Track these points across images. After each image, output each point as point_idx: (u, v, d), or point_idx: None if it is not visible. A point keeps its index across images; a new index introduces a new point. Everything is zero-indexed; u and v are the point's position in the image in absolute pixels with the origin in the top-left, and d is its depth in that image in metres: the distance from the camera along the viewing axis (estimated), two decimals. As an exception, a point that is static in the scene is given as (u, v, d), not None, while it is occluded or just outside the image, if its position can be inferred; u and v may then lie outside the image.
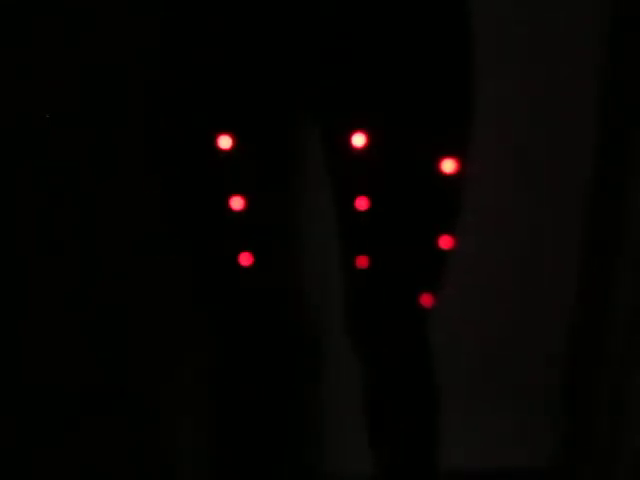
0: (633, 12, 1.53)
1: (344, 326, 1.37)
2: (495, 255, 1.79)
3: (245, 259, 1.26)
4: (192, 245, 1.29)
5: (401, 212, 1.23)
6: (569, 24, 1.64)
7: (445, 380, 1.81)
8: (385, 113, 1.17)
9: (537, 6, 1.63)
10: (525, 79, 1.68)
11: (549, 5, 1.63)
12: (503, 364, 1.87)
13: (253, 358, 1.40)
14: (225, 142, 1.18)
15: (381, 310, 1.32)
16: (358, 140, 1.18)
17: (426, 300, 1.31)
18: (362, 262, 1.27)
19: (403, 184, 1.21)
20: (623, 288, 1.56)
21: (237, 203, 1.22)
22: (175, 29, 1.17)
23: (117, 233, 1.63)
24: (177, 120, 1.20)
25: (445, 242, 1.26)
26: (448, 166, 1.20)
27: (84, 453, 1.77)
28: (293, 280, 1.39)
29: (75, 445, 1.76)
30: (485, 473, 1.85)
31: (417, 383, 1.40)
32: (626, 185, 1.53)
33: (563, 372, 1.81)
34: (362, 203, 1.23)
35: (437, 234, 1.25)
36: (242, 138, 1.19)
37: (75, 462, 1.77)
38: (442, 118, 1.19)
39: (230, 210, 1.22)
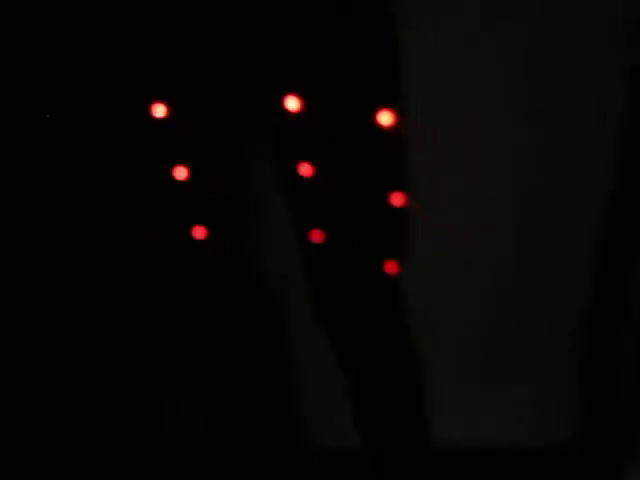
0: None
1: (311, 309, 1.31)
2: (518, 234, 1.78)
3: (199, 232, 1.22)
4: (141, 220, 1.24)
5: (346, 175, 1.18)
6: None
7: (463, 357, 1.85)
8: (316, 73, 1.13)
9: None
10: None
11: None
12: (521, 341, 1.86)
13: (214, 334, 1.35)
14: (160, 111, 1.14)
15: (346, 287, 1.26)
16: (292, 104, 1.13)
17: (391, 267, 1.25)
18: (316, 237, 1.22)
19: (342, 144, 1.15)
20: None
21: (181, 173, 1.17)
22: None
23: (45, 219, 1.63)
24: (108, 92, 1.15)
25: (397, 199, 1.20)
26: (385, 118, 1.14)
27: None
28: (254, 253, 1.35)
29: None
30: (503, 450, 1.84)
31: (395, 357, 1.34)
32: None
33: (583, 347, 1.81)
34: (306, 170, 1.17)
35: (387, 192, 1.20)
36: (177, 106, 1.15)
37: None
38: (372, 71, 1.14)
39: (175, 181, 1.18)
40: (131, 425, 1.83)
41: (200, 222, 1.21)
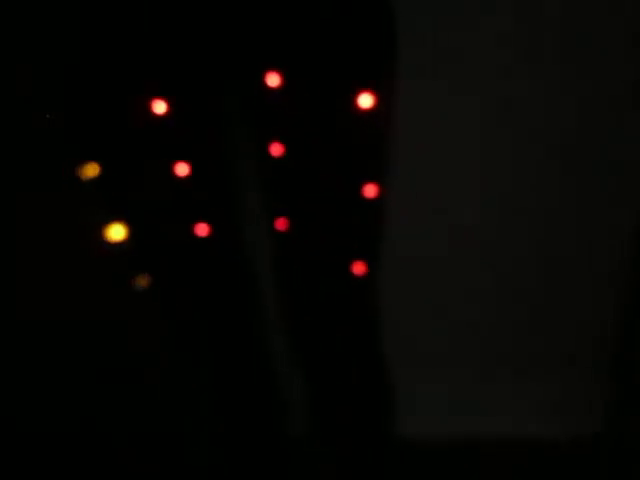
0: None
1: (274, 309, 1.27)
2: (548, 227, 1.78)
3: (201, 229, 1.18)
4: (143, 219, 1.21)
5: (318, 158, 1.11)
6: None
7: (491, 348, 1.85)
8: (298, 50, 1.06)
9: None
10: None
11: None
12: (550, 332, 1.86)
13: (213, 332, 1.32)
14: (160, 107, 1.10)
15: (308, 281, 1.19)
16: (272, 80, 1.07)
17: (358, 268, 1.18)
18: (281, 225, 1.16)
19: (319, 126, 1.09)
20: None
21: (182, 170, 1.13)
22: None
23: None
24: (107, 90, 1.11)
25: (370, 191, 1.13)
26: (365, 101, 1.07)
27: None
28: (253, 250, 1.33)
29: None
30: (530, 441, 1.85)
31: (361, 357, 1.29)
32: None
33: (612, 340, 1.80)
34: (276, 149, 1.11)
35: (360, 183, 1.13)
36: (176, 102, 1.11)
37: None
38: (357, 51, 1.08)
39: (177, 177, 1.14)
40: (131, 425, 1.83)
41: (202, 219, 1.19)
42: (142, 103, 1.10)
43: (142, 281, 1.24)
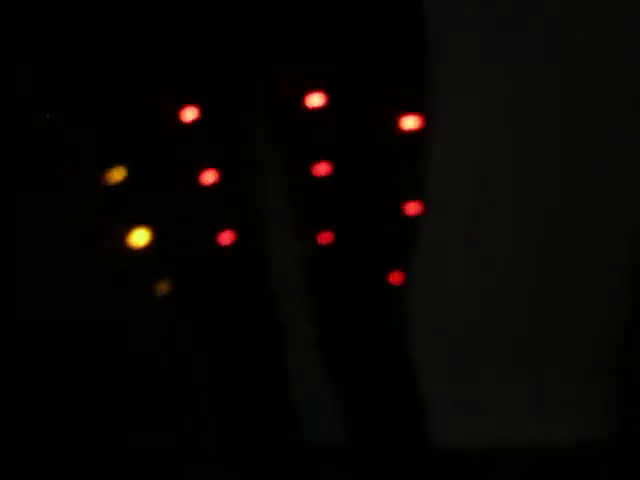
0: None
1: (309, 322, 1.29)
2: (554, 226, 1.78)
3: (226, 237, 1.19)
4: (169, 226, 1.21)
5: (363, 177, 1.15)
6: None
7: (493, 350, 1.84)
8: (343, 70, 1.10)
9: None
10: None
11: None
12: (558, 339, 1.86)
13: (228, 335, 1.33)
14: (189, 114, 1.12)
15: (346, 291, 1.22)
16: (315, 100, 1.10)
17: (396, 278, 1.21)
18: (325, 238, 1.18)
19: (364, 146, 1.13)
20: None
21: (210, 177, 1.15)
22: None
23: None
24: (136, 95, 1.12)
25: (411, 209, 1.17)
26: (410, 123, 1.12)
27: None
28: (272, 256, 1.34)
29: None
30: (534, 446, 1.84)
31: (391, 365, 1.31)
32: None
33: (617, 342, 1.81)
34: (320, 169, 1.14)
35: (403, 200, 1.17)
36: (206, 109, 1.13)
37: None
38: (399, 72, 1.12)
39: (203, 185, 1.16)
40: (132, 425, 1.83)
41: (228, 227, 1.20)
42: (174, 109, 1.11)
43: (163, 287, 1.24)
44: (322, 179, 1.15)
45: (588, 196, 1.74)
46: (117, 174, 1.15)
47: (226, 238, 1.20)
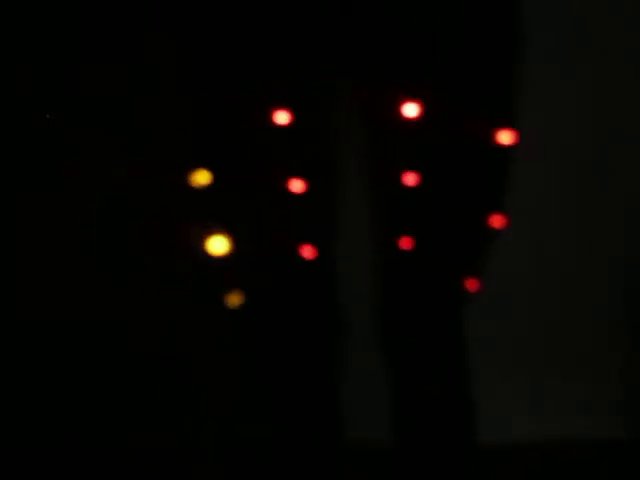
0: None
1: (374, 321, 1.29)
2: (554, 226, 1.79)
3: (308, 252, 1.19)
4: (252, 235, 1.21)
5: (452, 188, 1.18)
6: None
7: (511, 349, 1.83)
8: (436, 83, 1.13)
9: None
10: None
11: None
12: (571, 332, 1.86)
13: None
14: (282, 118, 1.12)
15: (420, 300, 1.24)
16: (410, 110, 1.12)
17: (472, 284, 1.24)
18: (405, 243, 1.20)
19: (456, 157, 1.16)
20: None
21: (297, 185, 1.15)
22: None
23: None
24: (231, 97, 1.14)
25: (497, 220, 1.20)
26: (504, 138, 1.14)
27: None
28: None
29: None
30: (552, 443, 1.84)
31: (446, 362, 1.33)
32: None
33: (617, 342, 1.81)
34: (411, 178, 1.16)
35: (489, 211, 1.19)
36: (299, 114, 1.14)
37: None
38: (494, 87, 1.15)
39: (290, 193, 1.16)
40: (132, 425, 1.83)
41: (309, 241, 1.20)
42: (267, 111, 1.12)
43: (235, 299, 1.22)
44: (410, 188, 1.16)
45: (588, 196, 1.74)
46: (201, 178, 1.14)
47: (306, 251, 1.19)
